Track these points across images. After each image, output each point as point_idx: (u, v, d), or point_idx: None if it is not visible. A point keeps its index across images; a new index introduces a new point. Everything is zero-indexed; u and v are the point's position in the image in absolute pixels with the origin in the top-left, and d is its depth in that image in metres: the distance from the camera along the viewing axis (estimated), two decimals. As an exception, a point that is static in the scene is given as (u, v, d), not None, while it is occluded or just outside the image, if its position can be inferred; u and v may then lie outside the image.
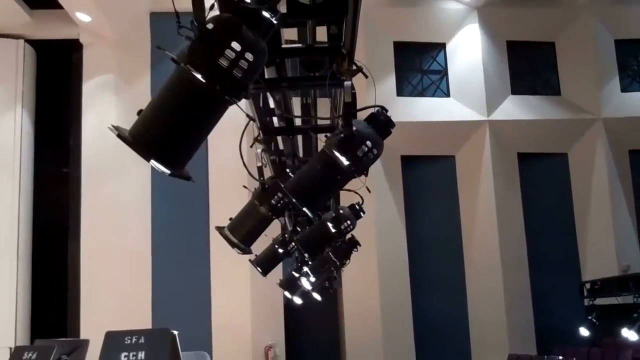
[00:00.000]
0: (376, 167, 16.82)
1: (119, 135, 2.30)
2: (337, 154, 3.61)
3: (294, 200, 3.90)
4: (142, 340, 6.51)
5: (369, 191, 5.11)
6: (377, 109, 3.90)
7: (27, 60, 16.79)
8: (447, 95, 18.26)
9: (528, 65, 19.08)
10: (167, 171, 2.34)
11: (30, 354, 7.13)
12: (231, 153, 4.06)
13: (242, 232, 5.17)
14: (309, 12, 3.21)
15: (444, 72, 18.44)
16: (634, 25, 19.04)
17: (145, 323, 14.93)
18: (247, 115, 4.27)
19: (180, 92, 2.31)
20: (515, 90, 18.59)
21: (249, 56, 2.25)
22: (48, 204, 17.11)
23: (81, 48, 16.91)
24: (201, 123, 2.39)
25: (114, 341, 6.57)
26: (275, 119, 5.00)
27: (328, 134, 5.40)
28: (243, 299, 15.62)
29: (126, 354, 6.39)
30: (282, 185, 4.21)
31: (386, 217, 16.84)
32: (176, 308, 15.35)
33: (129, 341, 6.50)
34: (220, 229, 5.28)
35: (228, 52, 2.22)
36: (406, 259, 17.23)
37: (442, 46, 18.52)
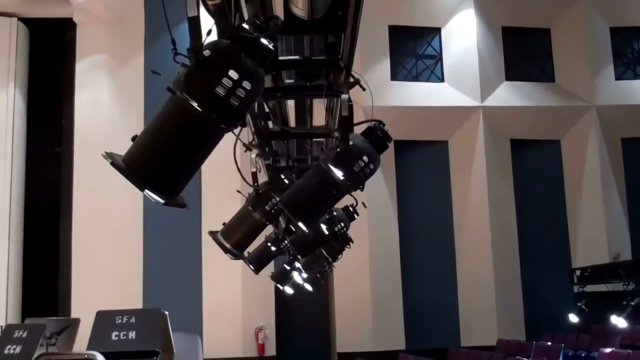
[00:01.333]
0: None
1: (112, 164, 2.25)
2: (333, 169, 3.56)
3: (289, 215, 3.85)
4: (132, 319, 6.54)
5: (365, 206, 5.06)
6: (374, 123, 3.85)
7: (20, 39, 16.69)
8: (442, 80, 18.24)
9: (523, 52, 19.06)
10: (161, 201, 2.30)
11: (21, 332, 7.14)
12: (225, 156, 3.98)
13: (235, 238, 5.12)
14: (307, 28, 3.16)
15: (438, 57, 18.41)
16: (630, 13, 19.03)
17: (136, 303, 14.94)
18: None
19: (175, 121, 2.24)
20: (509, 77, 18.58)
21: (246, 85, 2.20)
22: (40, 183, 17.07)
23: (74, 27, 16.80)
24: (196, 152, 2.33)
25: (105, 320, 6.60)
26: (269, 122, 4.93)
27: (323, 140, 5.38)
28: (234, 281, 15.64)
29: (117, 333, 6.42)
30: (278, 199, 4.14)
31: (378, 201, 16.84)
32: (167, 289, 15.37)
33: (119, 320, 6.53)
34: (213, 234, 5.23)
35: (225, 80, 2.18)
36: (397, 244, 17.27)
37: (437, 31, 18.48)
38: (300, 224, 3.85)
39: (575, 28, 18.66)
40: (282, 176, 5.44)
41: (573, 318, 15.66)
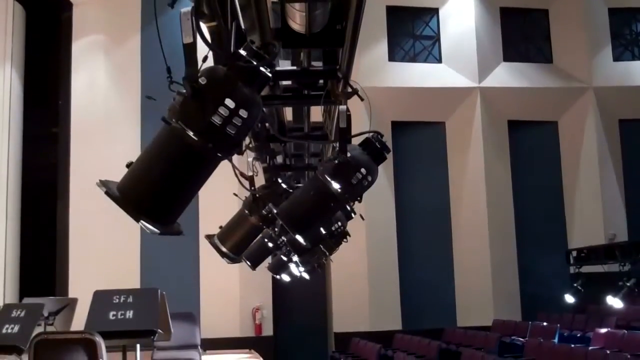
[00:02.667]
0: (366, 124, 16.65)
1: (106, 193, 2.20)
2: (330, 181, 3.53)
3: (286, 228, 3.83)
4: (130, 299, 6.55)
5: (363, 218, 5.04)
6: (372, 134, 3.81)
7: (16, 19, 16.59)
8: (439, 61, 18.20)
9: (521, 33, 19.01)
10: (157, 231, 2.27)
11: (19, 312, 7.16)
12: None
13: (231, 242, 5.09)
14: (305, 42, 3.12)
15: (436, 38, 18.36)
16: (628, -7, 18.99)
17: (134, 283, 14.98)
18: None
19: (171, 150, 2.18)
20: (507, 57, 18.54)
21: (243, 113, 2.16)
22: (37, 164, 17.06)
23: (71, 7, 16.72)
24: (192, 181, 2.28)
25: (102, 300, 6.61)
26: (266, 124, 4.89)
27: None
28: (231, 261, 15.66)
29: (114, 312, 6.42)
30: (275, 211, 4.10)
31: (375, 182, 16.82)
32: (165, 269, 15.40)
33: (117, 300, 6.53)
34: (209, 238, 5.21)
35: (221, 109, 2.13)
36: (394, 225, 17.30)
37: (435, 11, 18.41)
38: (298, 237, 3.82)
39: (573, 9, 18.61)
40: (280, 180, 5.40)
41: (569, 299, 15.73)
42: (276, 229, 5.90)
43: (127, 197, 2.19)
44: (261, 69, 2.30)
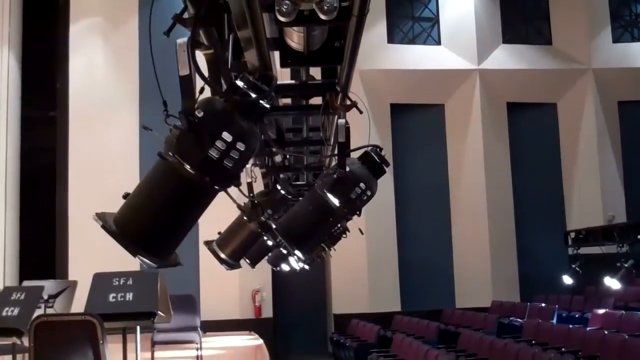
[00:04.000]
0: (365, 114, 16.63)
1: (103, 227, 2.18)
2: (329, 195, 3.51)
3: (285, 243, 3.82)
4: (129, 281, 6.57)
5: (362, 233, 5.02)
6: (371, 147, 3.79)
7: (14, 2, 16.50)
8: (438, 43, 18.15)
9: (520, 14, 18.93)
10: (154, 265, 2.26)
11: (18, 295, 7.18)
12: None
13: (230, 248, 5.07)
14: (303, 60, 3.09)
15: (435, 20, 18.29)
16: (628, -26, 18.91)
17: (133, 265, 15.00)
18: None
19: (168, 184, 2.17)
20: (506, 39, 18.49)
21: (240, 146, 2.13)
22: (35, 148, 17.05)
23: (68, -11, 16.66)
24: (190, 214, 2.26)
25: (102, 282, 6.63)
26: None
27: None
28: (231, 244, 15.68)
29: (114, 295, 6.44)
30: (275, 227, 4.07)
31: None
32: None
33: (117, 282, 6.55)
34: (208, 244, 5.19)
35: (219, 142, 2.11)
36: (393, 207, 17.32)
37: (433, -7, 18.37)
38: (297, 252, 3.81)
39: (572, -10, 18.55)
40: (278, 187, 5.37)
41: (567, 280, 15.78)
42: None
43: (124, 232, 2.17)
44: (259, 102, 2.27)
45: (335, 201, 3.49)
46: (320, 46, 3.01)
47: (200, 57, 2.40)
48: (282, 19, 2.35)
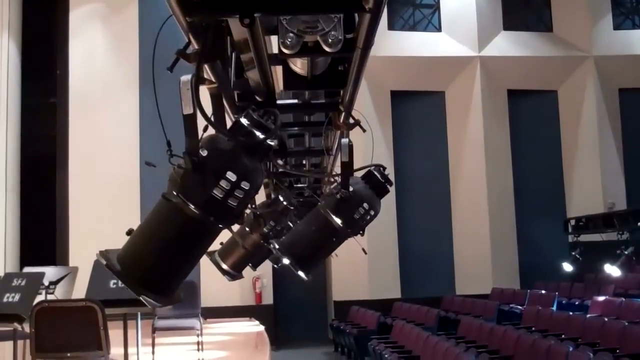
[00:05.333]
0: (365, 101, 16.91)
1: (107, 266, 2.16)
2: (333, 216, 3.50)
3: (288, 264, 3.80)
4: (130, 267, 6.56)
5: (365, 253, 5.00)
6: (374, 167, 3.76)
7: (13, -12, 16.47)
8: (439, 30, 18.10)
9: (521, 1, 18.87)
10: (158, 305, 2.24)
11: (19, 281, 7.18)
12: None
13: (232, 259, 5.04)
14: (306, 84, 3.06)
15: (436, 7, 18.24)
16: (629, -39, 18.84)
17: (134, 253, 15.03)
18: None
19: (171, 223, 2.14)
20: (507, 26, 18.43)
21: (244, 185, 2.12)
22: (36, 134, 17.04)
23: (68, -25, 16.61)
24: (194, 253, 2.26)
25: (102, 269, 6.61)
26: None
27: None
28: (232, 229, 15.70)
29: (115, 281, 6.44)
30: (277, 246, 4.04)
31: (374, 151, 16.81)
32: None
33: (118, 268, 6.55)
34: (210, 255, 5.16)
35: (223, 182, 2.09)
36: (393, 194, 17.28)
37: (434, -21, 18.31)
38: (300, 273, 3.81)
39: (573, -23, 18.49)
40: (281, 198, 5.35)
41: (567, 267, 15.81)
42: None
43: (128, 272, 2.16)
44: (262, 138, 2.24)
45: (339, 221, 3.48)
46: (324, 70, 2.99)
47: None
48: (286, 51, 2.32)
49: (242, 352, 10.29)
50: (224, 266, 4.99)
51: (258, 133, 2.25)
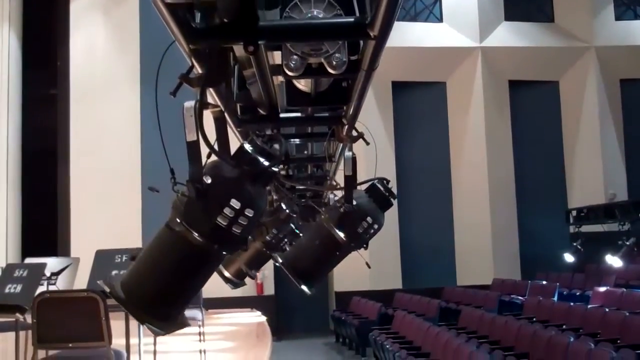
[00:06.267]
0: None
1: (111, 293, 2.15)
2: (336, 230, 3.49)
3: (292, 278, 3.79)
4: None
5: (369, 267, 4.99)
6: (377, 180, 3.75)
7: (14, -21, 16.44)
8: (440, 20, 18.06)
9: (522, -9, 18.85)
10: (162, 332, 2.23)
11: (21, 272, 7.18)
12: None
13: (235, 267, 5.04)
14: (310, 101, 3.04)
15: (437, -3, 18.22)
16: (631, -49, 18.78)
17: (135, 242, 15.03)
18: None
19: (174, 251, 2.12)
20: (508, 17, 18.39)
21: (249, 212, 2.09)
22: (37, 126, 17.03)
23: (68, -34, 16.57)
24: (197, 280, 2.24)
25: (104, 259, 6.64)
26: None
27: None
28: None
29: (116, 271, 6.44)
30: (281, 261, 4.03)
31: (375, 142, 16.79)
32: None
33: (119, 259, 6.56)
34: None
35: (227, 210, 2.07)
36: (394, 185, 17.25)
37: (436, -30, 18.26)
38: (304, 287, 3.80)
39: (575, -34, 18.44)
40: (283, 206, 5.33)
41: (568, 258, 15.82)
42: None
43: (132, 299, 2.15)
44: (266, 165, 2.22)
45: (342, 235, 3.48)
46: (327, 87, 2.98)
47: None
48: (290, 73, 2.31)
49: (243, 343, 10.31)
50: (227, 274, 4.98)
51: (262, 160, 2.23)
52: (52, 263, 7.85)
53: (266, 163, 2.23)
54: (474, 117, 17.87)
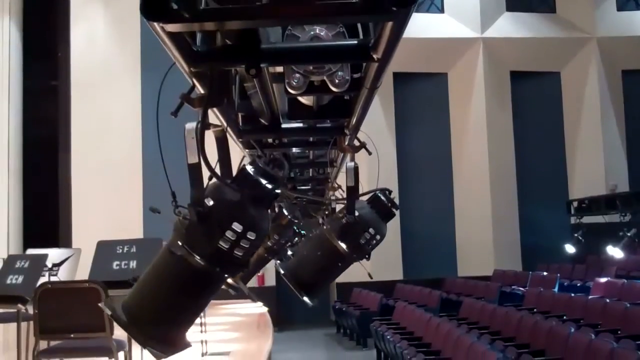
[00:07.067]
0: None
1: (112, 316, 2.13)
2: (338, 241, 3.48)
3: (293, 289, 3.79)
4: (133, 249, 6.57)
5: (371, 278, 4.98)
6: (380, 190, 3.73)
7: (14, -30, 16.41)
8: (441, 11, 18.02)
9: (524, -18, 18.80)
10: (165, 356, 2.22)
11: (23, 263, 7.19)
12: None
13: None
14: (312, 114, 3.03)
15: (438, -13, 18.16)
16: (633, -59, 18.72)
17: (137, 233, 15.06)
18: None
19: (176, 275, 2.12)
20: (510, 7, 18.35)
21: (251, 235, 2.08)
22: (38, 118, 17.03)
23: (68, -43, 16.53)
24: (200, 302, 2.23)
25: (105, 250, 6.63)
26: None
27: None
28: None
29: (118, 262, 6.45)
30: (283, 272, 4.02)
31: (376, 133, 16.82)
32: (167, 218, 15.43)
33: (120, 250, 6.56)
34: None
35: (229, 233, 2.06)
36: (395, 176, 17.30)
37: (437, -40, 18.20)
38: (305, 299, 3.79)
39: (577, -43, 18.38)
40: (285, 212, 5.32)
41: (569, 249, 15.83)
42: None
43: (134, 322, 2.14)
44: (269, 187, 2.21)
45: (344, 246, 3.47)
46: (329, 100, 2.97)
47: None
48: (292, 91, 2.29)
49: (245, 333, 10.33)
50: (229, 280, 4.98)
51: (264, 182, 2.22)
52: (53, 254, 7.87)
53: (269, 186, 2.22)
54: (475, 108, 17.85)
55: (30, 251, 8.66)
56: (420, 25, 17.55)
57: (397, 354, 10.01)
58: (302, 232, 6.22)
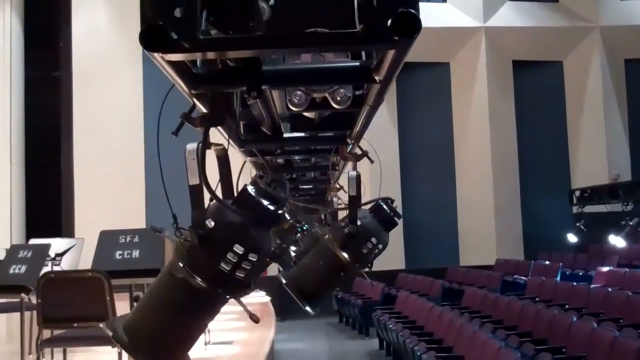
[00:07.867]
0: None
1: (113, 337, 2.13)
2: (340, 251, 3.47)
3: (295, 299, 3.78)
4: (136, 239, 6.58)
5: (372, 285, 4.99)
6: (382, 200, 3.72)
7: (15, -41, 16.37)
8: (444, 0, 17.96)
9: (526, -29, 18.73)
10: None
11: (25, 252, 7.21)
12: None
13: None
14: (314, 127, 3.01)
15: (440, -24, 18.11)
16: None
17: (139, 223, 15.07)
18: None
19: (179, 297, 2.12)
20: (512, -4, 18.31)
21: (252, 257, 2.06)
22: (40, 108, 17.03)
23: (70, -54, 16.50)
24: (202, 323, 2.24)
25: (108, 240, 6.65)
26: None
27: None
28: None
29: (120, 252, 6.47)
30: (285, 282, 4.00)
31: (378, 123, 16.81)
32: (169, 208, 15.46)
33: (123, 240, 6.57)
34: None
35: (230, 255, 2.03)
36: (398, 165, 17.31)
37: (439, -51, 18.14)
38: (307, 308, 3.79)
39: (580, -55, 18.31)
40: (287, 216, 5.30)
41: (571, 238, 15.82)
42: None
43: (136, 344, 2.14)
44: (271, 209, 2.18)
45: (346, 256, 3.47)
46: (331, 112, 2.96)
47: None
48: (293, 108, 2.30)
49: (247, 323, 10.34)
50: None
51: (266, 203, 2.20)
52: (56, 244, 7.89)
53: (271, 207, 2.20)
54: (478, 98, 17.82)
55: (33, 241, 8.68)
56: (423, 15, 17.07)
57: (399, 343, 10.03)
58: (304, 227, 6.22)
